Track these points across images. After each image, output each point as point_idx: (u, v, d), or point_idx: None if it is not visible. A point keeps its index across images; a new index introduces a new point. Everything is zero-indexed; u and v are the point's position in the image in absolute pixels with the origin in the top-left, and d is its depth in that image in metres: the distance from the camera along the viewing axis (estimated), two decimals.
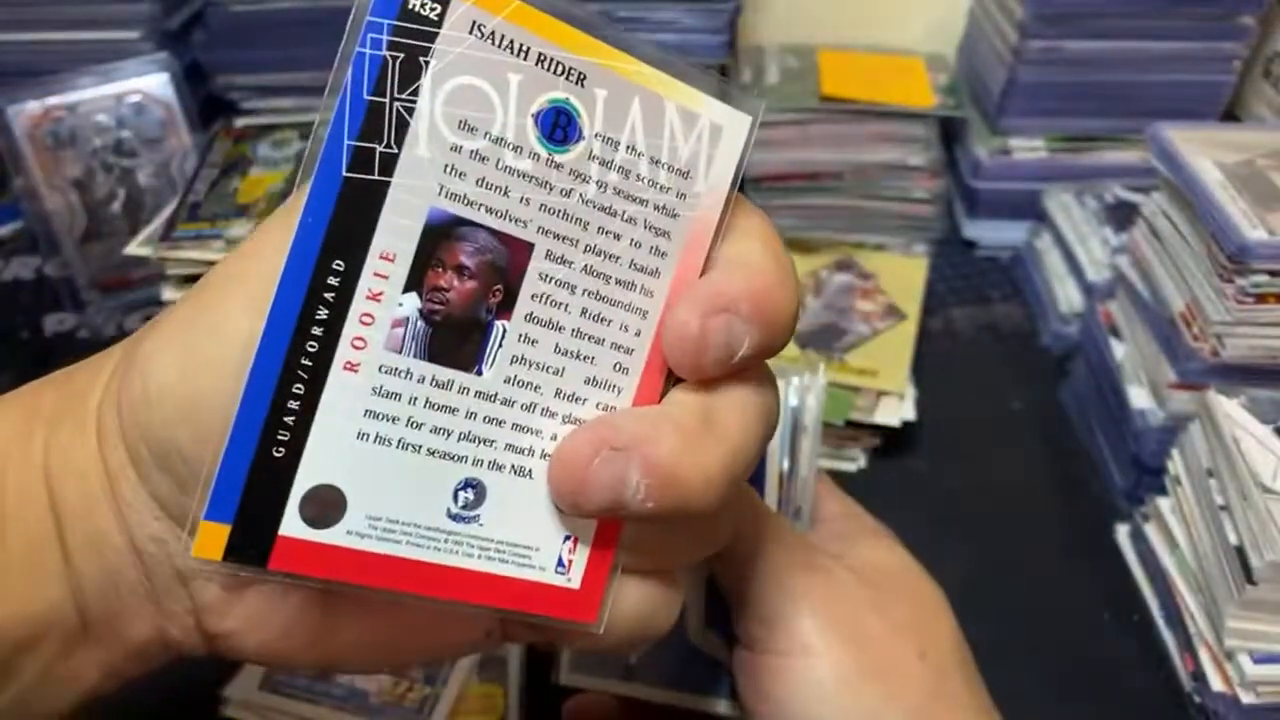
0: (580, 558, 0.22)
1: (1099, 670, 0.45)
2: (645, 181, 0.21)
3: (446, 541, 0.21)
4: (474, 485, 0.21)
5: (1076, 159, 0.68)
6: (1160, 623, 0.46)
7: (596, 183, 0.20)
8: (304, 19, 0.67)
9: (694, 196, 0.21)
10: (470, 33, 0.19)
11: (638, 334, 0.22)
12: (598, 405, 0.22)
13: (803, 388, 0.37)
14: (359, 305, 0.19)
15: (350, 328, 0.19)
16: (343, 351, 0.19)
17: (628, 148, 0.21)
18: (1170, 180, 0.49)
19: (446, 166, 0.19)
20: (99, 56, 0.58)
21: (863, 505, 0.34)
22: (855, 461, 0.55)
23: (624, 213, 0.21)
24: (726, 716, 0.34)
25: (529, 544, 0.22)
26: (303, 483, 0.19)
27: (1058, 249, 0.65)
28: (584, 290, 0.21)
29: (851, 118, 0.65)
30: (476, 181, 0.19)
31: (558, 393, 0.21)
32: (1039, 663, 0.45)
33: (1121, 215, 0.61)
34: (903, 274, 0.64)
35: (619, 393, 0.22)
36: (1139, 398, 0.51)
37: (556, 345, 0.21)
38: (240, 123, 0.65)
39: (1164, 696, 0.44)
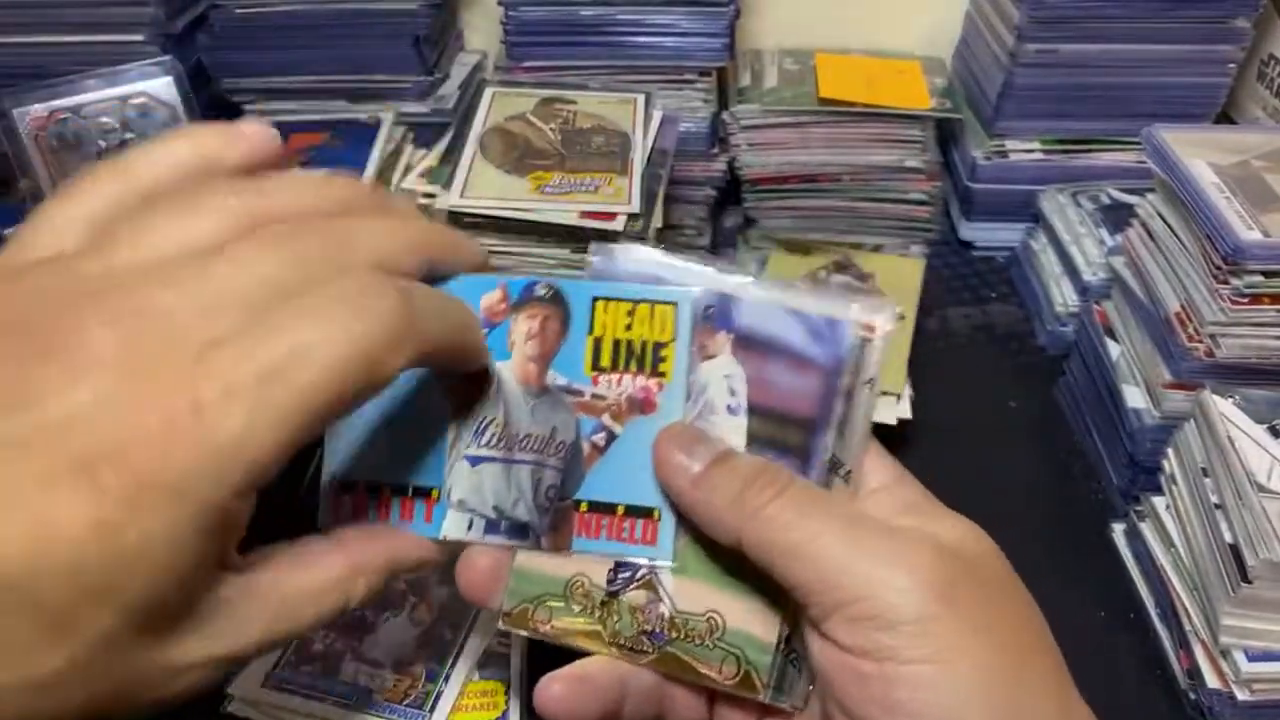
0: None
1: (1095, 668, 0.46)
2: None
3: None
4: None
5: (1072, 161, 0.69)
6: (1156, 620, 0.47)
7: None
8: (308, 22, 0.67)
9: None
10: None
11: None
12: None
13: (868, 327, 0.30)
14: None
15: None
16: None
17: None
18: (1165, 182, 0.50)
19: None
20: (103, 59, 0.58)
21: None
22: None
23: None
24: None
25: None
26: None
27: (1053, 250, 0.65)
28: None
29: (849, 120, 0.66)
30: None
31: None
32: None
33: (1116, 216, 0.62)
34: (900, 275, 0.64)
35: None
36: (1134, 397, 0.52)
37: None
38: None
39: (1160, 694, 0.45)
